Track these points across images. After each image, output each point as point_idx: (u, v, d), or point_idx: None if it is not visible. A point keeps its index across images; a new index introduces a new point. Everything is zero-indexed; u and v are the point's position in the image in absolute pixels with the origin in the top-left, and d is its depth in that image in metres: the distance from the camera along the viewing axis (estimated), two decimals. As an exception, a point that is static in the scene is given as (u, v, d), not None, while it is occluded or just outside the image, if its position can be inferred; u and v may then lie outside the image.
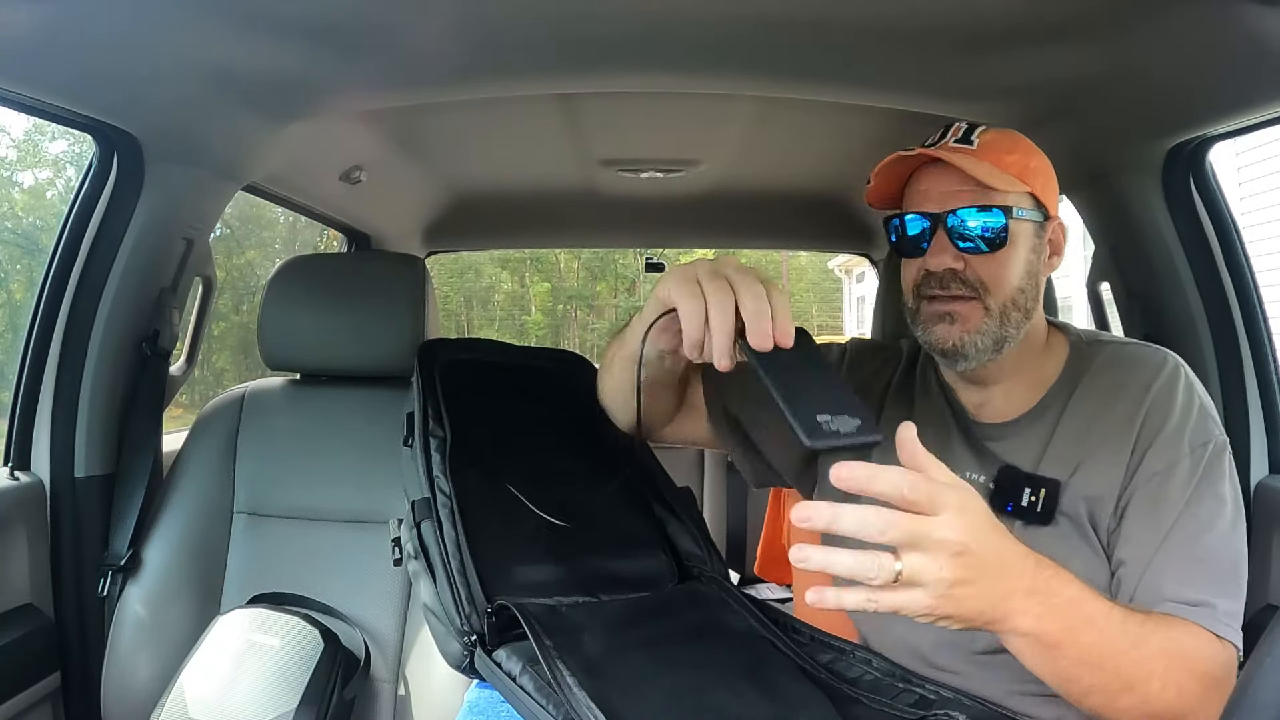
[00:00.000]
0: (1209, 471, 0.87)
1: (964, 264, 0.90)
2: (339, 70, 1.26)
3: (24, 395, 1.37)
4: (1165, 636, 0.78)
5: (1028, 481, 0.90)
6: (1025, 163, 0.91)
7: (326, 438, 1.42)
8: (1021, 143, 0.94)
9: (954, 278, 0.90)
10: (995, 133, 0.93)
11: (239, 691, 1.15)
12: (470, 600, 0.83)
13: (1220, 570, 0.85)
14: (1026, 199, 0.91)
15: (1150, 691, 0.75)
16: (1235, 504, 0.88)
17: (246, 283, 8.44)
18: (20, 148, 7.77)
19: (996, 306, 0.90)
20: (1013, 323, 0.91)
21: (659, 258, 3.69)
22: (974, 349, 0.91)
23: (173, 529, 1.38)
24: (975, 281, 0.90)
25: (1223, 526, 0.86)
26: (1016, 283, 0.91)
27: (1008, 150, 0.91)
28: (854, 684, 0.81)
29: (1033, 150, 0.94)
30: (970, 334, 0.90)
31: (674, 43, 1.20)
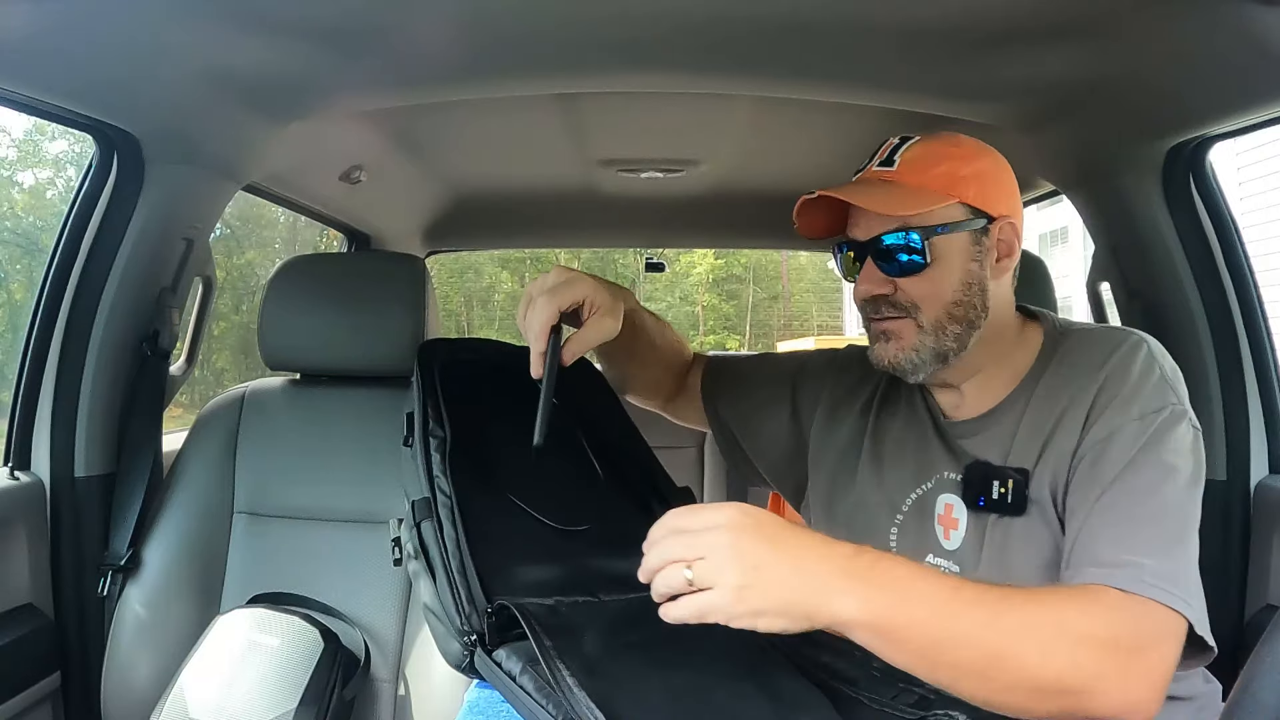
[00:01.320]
0: (1157, 437, 0.84)
1: (893, 287, 0.92)
2: (339, 70, 1.26)
3: (24, 395, 1.37)
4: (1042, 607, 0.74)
5: (996, 474, 0.91)
6: (955, 172, 0.91)
7: (326, 438, 1.42)
8: (955, 150, 0.93)
9: (885, 301, 0.93)
10: (926, 144, 0.93)
11: (239, 691, 1.15)
12: (470, 600, 0.83)
13: (1156, 532, 0.79)
14: (956, 210, 0.91)
15: (1028, 665, 0.71)
16: (1190, 476, 0.83)
17: (246, 283, 8.45)
18: (20, 148, 7.77)
19: (929, 323, 0.92)
20: (950, 335, 0.92)
21: (659, 258, 3.69)
22: (911, 365, 0.93)
23: (173, 529, 1.38)
24: (906, 303, 0.92)
25: (1169, 494, 0.82)
26: (950, 297, 0.91)
27: (933, 163, 0.91)
28: (853, 684, 0.81)
29: (970, 155, 0.93)
30: (906, 351, 0.93)
31: (674, 43, 1.20)
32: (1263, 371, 1.36)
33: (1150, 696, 0.73)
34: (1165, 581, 0.76)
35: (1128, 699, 0.72)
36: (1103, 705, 0.72)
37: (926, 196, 0.90)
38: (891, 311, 0.93)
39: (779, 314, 20.98)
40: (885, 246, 0.91)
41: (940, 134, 0.95)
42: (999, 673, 0.71)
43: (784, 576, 0.69)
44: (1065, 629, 0.73)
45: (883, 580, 0.70)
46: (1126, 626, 0.75)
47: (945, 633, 0.70)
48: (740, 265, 20.01)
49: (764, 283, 20.83)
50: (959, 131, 0.98)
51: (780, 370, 1.17)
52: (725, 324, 20.17)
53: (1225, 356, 1.36)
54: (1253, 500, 1.35)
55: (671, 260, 17.82)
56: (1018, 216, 0.95)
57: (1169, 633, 0.76)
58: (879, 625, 0.70)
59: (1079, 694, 0.72)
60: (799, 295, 21.10)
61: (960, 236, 0.91)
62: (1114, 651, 0.73)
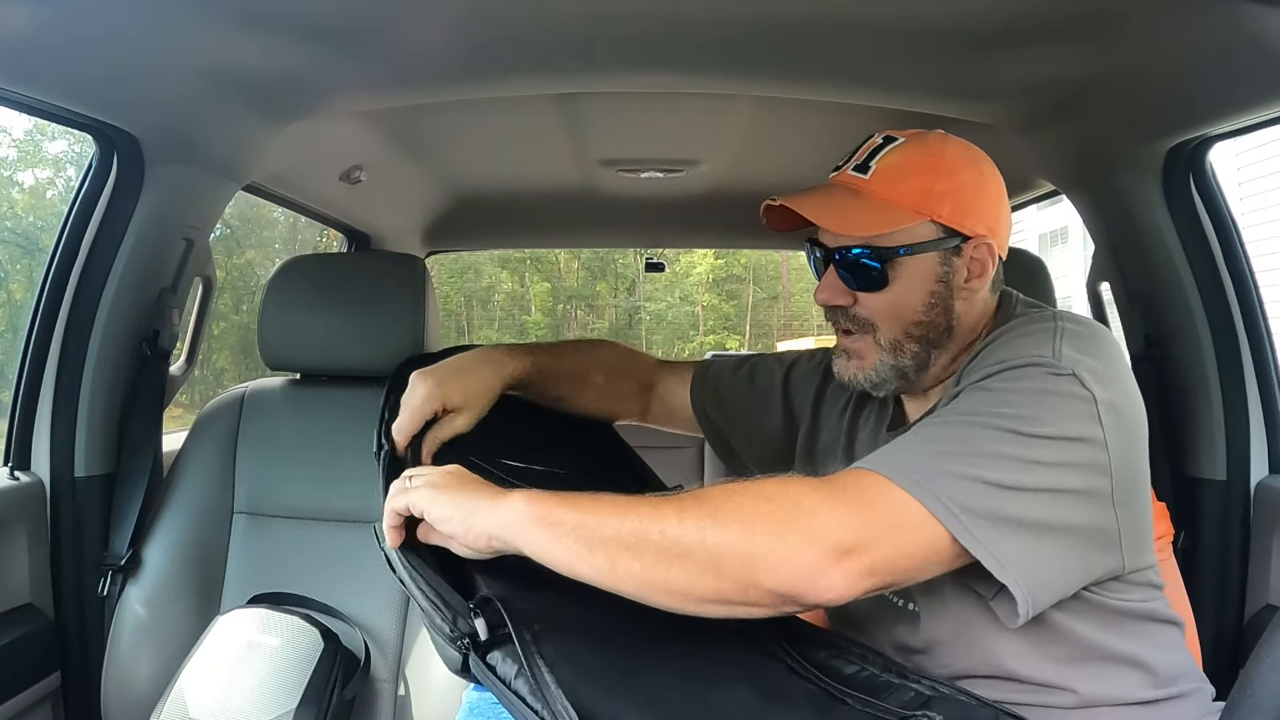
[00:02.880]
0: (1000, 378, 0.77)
1: (853, 299, 0.90)
2: (339, 70, 1.26)
3: (24, 395, 1.37)
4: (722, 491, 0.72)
5: None
6: (930, 187, 0.87)
7: (326, 438, 1.42)
8: (935, 162, 0.88)
9: (843, 314, 0.91)
10: (906, 151, 0.89)
11: (239, 691, 1.15)
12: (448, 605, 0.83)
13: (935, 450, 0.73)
14: (926, 229, 0.87)
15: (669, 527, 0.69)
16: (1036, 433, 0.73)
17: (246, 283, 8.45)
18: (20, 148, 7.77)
19: (887, 341, 0.90)
20: (908, 354, 0.90)
21: (659, 258, 3.70)
22: (871, 383, 0.92)
23: (173, 529, 1.38)
24: (865, 318, 0.90)
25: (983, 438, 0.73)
26: (910, 317, 0.89)
27: (908, 175, 0.87)
28: (848, 682, 0.81)
29: (951, 168, 0.88)
30: (866, 370, 0.91)
31: (674, 43, 1.20)
32: (1263, 371, 1.36)
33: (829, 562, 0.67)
34: (907, 472, 0.70)
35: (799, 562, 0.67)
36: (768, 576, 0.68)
37: (894, 213, 0.86)
38: (851, 325, 0.91)
39: (779, 314, 20.98)
40: (848, 260, 0.89)
41: (927, 137, 0.91)
42: (647, 548, 0.70)
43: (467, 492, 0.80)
44: (718, 501, 0.71)
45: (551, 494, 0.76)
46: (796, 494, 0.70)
47: (595, 515, 0.73)
48: (740, 265, 20.01)
49: (764, 283, 20.83)
50: (960, 131, 0.97)
51: (770, 372, 1.17)
52: (725, 324, 20.16)
53: (1225, 356, 1.36)
54: (1253, 500, 1.35)
55: (671, 260, 17.82)
56: (998, 233, 0.90)
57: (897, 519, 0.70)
58: (538, 515, 0.74)
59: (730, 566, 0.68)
60: (799, 295, 21.09)
61: (926, 257, 0.88)
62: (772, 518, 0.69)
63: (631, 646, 0.81)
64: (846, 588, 0.69)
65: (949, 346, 0.91)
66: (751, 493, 0.71)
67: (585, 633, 0.81)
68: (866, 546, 0.69)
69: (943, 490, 0.71)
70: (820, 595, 0.69)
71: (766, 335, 19.79)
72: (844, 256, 0.89)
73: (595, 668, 0.76)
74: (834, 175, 0.93)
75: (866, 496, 0.71)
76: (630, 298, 20.37)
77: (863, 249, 0.88)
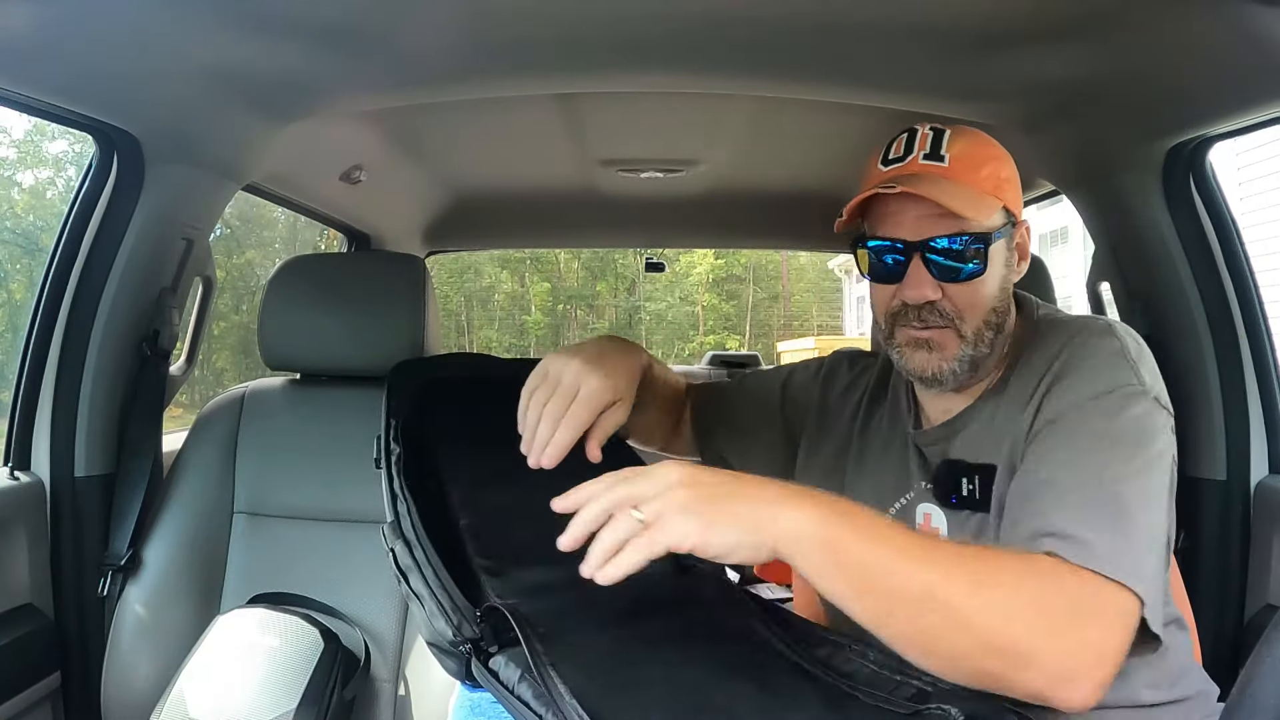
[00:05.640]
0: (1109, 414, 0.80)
1: (941, 293, 0.88)
2: (339, 70, 1.26)
3: (24, 395, 1.37)
4: (987, 557, 0.72)
5: (964, 471, 0.89)
6: (997, 175, 0.89)
7: (326, 438, 1.42)
8: (991, 150, 0.91)
9: (931, 309, 0.89)
10: (964, 141, 0.89)
11: (239, 691, 1.15)
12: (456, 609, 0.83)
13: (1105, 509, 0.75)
14: (1000, 215, 0.89)
15: (961, 607, 0.68)
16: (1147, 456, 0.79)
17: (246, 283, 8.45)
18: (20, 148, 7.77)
19: (971, 332, 0.89)
20: (985, 342, 0.90)
21: (659, 258, 3.70)
22: (951, 375, 0.90)
23: (173, 529, 1.38)
24: (951, 311, 0.88)
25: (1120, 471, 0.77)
26: (989, 304, 0.89)
27: (980, 164, 0.88)
28: (850, 678, 0.81)
29: (1002, 157, 0.91)
30: (948, 361, 0.90)
31: (674, 43, 1.20)
32: (1263, 371, 1.36)
33: (1088, 672, 0.69)
34: (1115, 558, 0.72)
35: (1063, 668, 0.68)
36: (1036, 674, 0.68)
37: (986, 200, 0.87)
38: (937, 320, 0.88)
39: (779, 314, 20.98)
40: (941, 250, 0.87)
41: (968, 129, 0.91)
42: (931, 612, 0.68)
43: (732, 496, 0.69)
44: (1006, 583, 0.70)
45: (835, 504, 0.70)
46: (1069, 597, 0.71)
47: (885, 559, 0.69)
48: (740, 265, 20.01)
49: (764, 283, 20.83)
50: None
51: (766, 389, 1.16)
52: (725, 324, 20.16)
53: (1225, 356, 1.36)
54: (1253, 500, 1.35)
55: (671, 260, 17.82)
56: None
57: (1117, 611, 0.72)
58: (828, 538, 0.68)
59: (1009, 655, 0.68)
60: (799, 295, 21.10)
61: (1003, 243, 0.89)
62: (1053, 617, 0.69)
63: (638, 650, 0.81)
64: (1093, 702, 0.70)
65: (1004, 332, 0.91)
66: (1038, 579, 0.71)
67: (591, 637, 0.81)
68: (1116, 662, 0.71)
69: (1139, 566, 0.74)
70: (1063, 705, 0.69)
71: (766, 335, 19.79)
72: (936, 248, 0.87)
73: (602, 672, 0.76)
74: (896, 168, 0.90)
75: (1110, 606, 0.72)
76: (630, 298, 20.37)
77: (959, 236, 0.86)
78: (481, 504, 1.00)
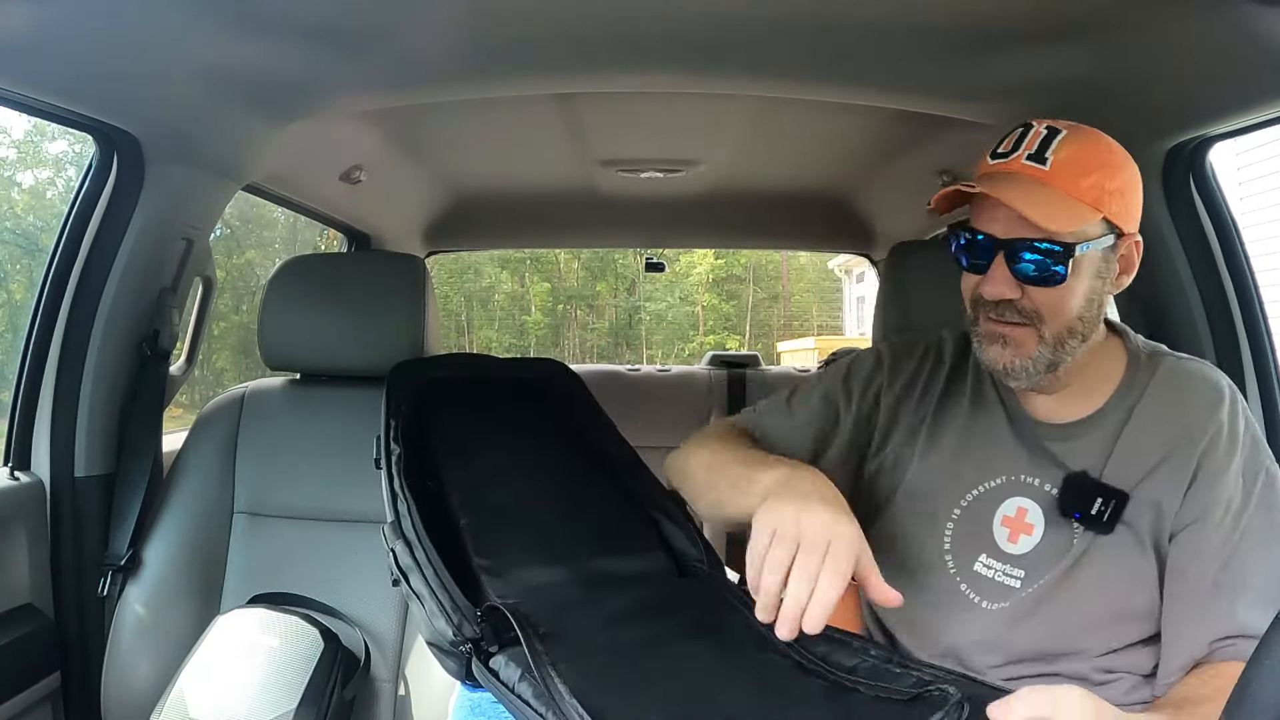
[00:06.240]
0: (1263, 500, 0.87)
1: (1021, 293, 0.89)
2: (339, 70, 1.26)
3: (24, 395, 1.37)
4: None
5: (1099, 491, 0.90)
6: (1103, 184, 0.87)
7: (326, 438, 1.42)
8: (1106, 158, 0.89)
9: (1010, 306, 0.90)
10: (1078, 144, 0.88)
11: (239, 691, 1.15)
12: (457, 609, 0.83)
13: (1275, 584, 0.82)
14: (1099, 226, 0.88)
15: None
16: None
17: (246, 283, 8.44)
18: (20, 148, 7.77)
19: (1051, 335, 0.90)
20: (1067, 349, 0.91)
21: (659, 258, 3.70)
22: (1025, 373, 0.91)
23: (173, 529, 1.38)
24: (1031, 311, 0.89)
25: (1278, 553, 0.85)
26: (1075, 313, 0.90)
27: (1086, 172, 0.87)
28: (851, 672, 0.81)
29: (1118, 166, 0.90)
30: (1023, 359, 0.91)
31: (674, 43, 1.20)
32: (1263, 371, 1.36)
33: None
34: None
35: None
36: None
37: (1078, 209, 0.86)
38: (1015, 317, 0.90)
39: (779, 314, 20.97)
40: (1025, 253, 0.88)
41: (1087, 131, 0.91)
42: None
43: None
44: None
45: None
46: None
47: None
48: (740, 265, 19.99)
49: (764, 283, 20.81)
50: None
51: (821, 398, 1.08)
52: (725, 324, 20.14)
53: (1225, 356, 1.36)
54: (1253, 500, 1.35)
55: (671, 260, 17.81)
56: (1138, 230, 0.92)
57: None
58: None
59: None
60: (799, 295, 21.08)
61: (1095, 254, 0.89)
62: None
63: (638, 649, 0.81)
64: None
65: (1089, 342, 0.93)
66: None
67: (591, 636, 0.81)
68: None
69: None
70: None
71: (766, 335, 19.78)
72: (1021, 250, 0.88)
73: (602, 671, 0.76)
74: (999, 164, 0.90)
75: None
76: (630, 298, 20.36)
77: (1046, 243, 0.86)
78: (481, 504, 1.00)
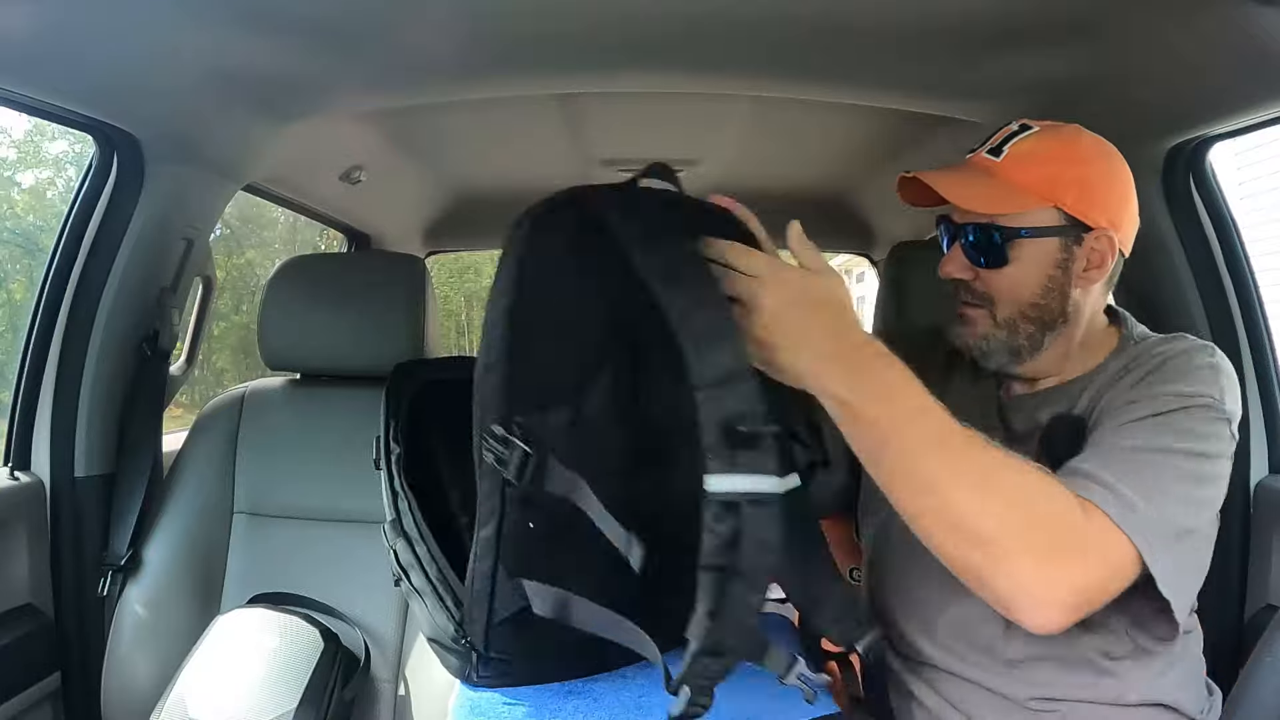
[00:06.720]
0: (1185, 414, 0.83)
1: (975, 274, 0.94)
2: (339, 70, 1.26)
3: (24, 395, 1.37)
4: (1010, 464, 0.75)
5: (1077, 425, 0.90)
6: (1059, 175, 0.90)
7: (326, 438, 1.42)
8: (1067, 151, 0.92)
9: (966, 288, 0.95)
10: (1044, 139, 0.92)
11: (239, 691, 1.15)
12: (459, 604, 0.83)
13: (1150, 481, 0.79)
14: (1050, 214, 0.90)
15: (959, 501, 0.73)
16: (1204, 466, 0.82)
17: (246, 283, 8.42)
18: (20, 148, 7.75)
19: (1003, 318, 0.93)
20: (1022, 334, 0.93)
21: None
22: (981, 352, 0.95)
23: (173, 529, 1.38)
24: (983, 293, 0.94)
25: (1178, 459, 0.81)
26: (1027, 298, 0.92)
27: (1041, 163, 0.90)
28: None
29: (1082, 159, 0.92)
30: (977, 339, 0.95)
31: (674, 43, 1.20)
32: (1263, 371, 1.36)
33: (1053, 600, 0.73)
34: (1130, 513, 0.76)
35: (1031, 590, 0.73)
36: (1005, 582, 0.73)
37: (1019, 196, 0.90)
38: (970, 298, 0.95)
39: (779, 314, 20.97)
40: (971, 235, 0.92)
41: (1063, 128, 0.94)
42: (931, 494, 0.74)
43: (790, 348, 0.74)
44: (1014, 489, 0.74)
45: (870, 374, 0.74)
46: (1074, 531, 0.74)
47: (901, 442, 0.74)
48: (740, 265, 19.98)
49: (764, 283, 20.81)
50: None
51: None
52: (725, 324, 20.14)
53: (1225, 356, 1.36)
54: (1253, 500, 1.35)
55: (671, 260, 17.72)
56: (1121, 227, 0.93)
57: (1111, 557, 0.76)
58: (852, 411, 0.73)
59: (989, 549, 0.72)
60: (799, 295, 21.08)
61: (1047, 241, 0.91)
62: (1045, 538, 0.73)
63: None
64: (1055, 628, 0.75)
65: (1064, 333, 0.94)
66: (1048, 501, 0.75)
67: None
68: (1091, 600, 0.75)
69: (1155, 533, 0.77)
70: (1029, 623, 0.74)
71: (766, 335, 19.74)
72: (968, 232, 0.93)
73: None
74: (969, 156, 0.96)
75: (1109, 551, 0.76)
76: (630, 298, 20.33)
77: (987, 226, 0.91)
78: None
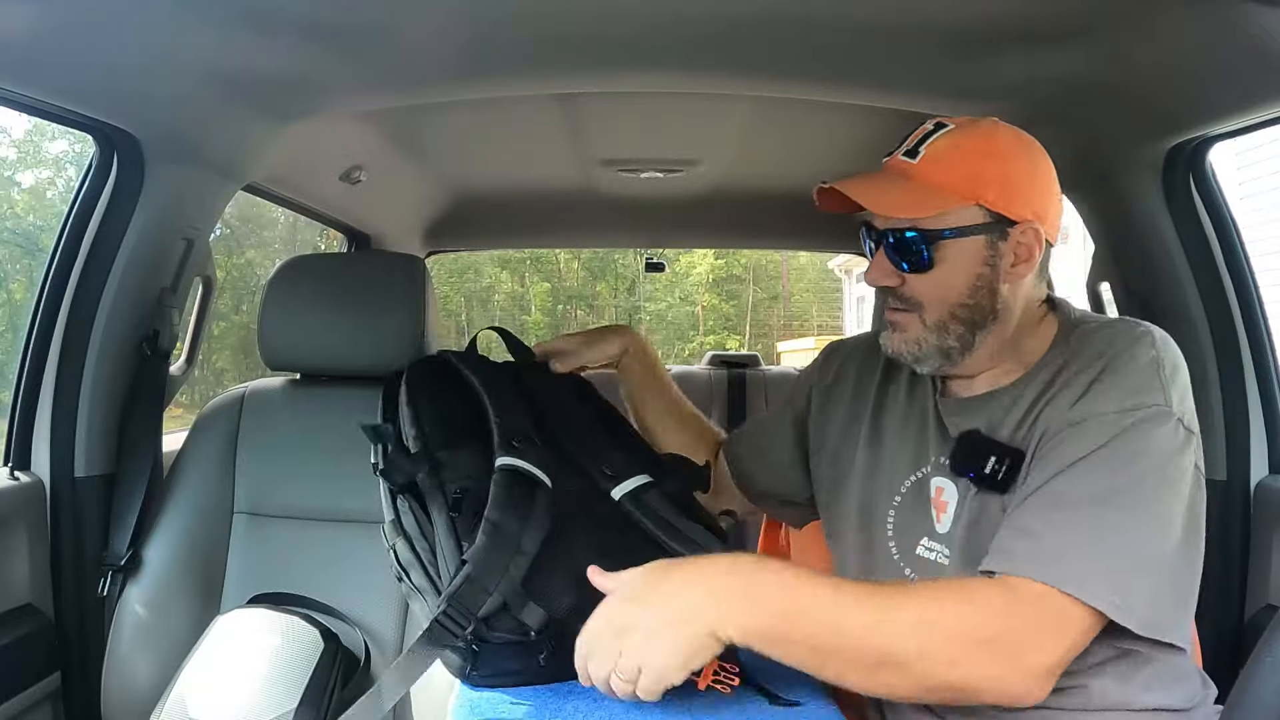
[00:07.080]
0: (1131, 433, 0.81)
1: (901, 280, 0.92)
2: (339, 70, 1.26)
3: (24, 395, 1.37)
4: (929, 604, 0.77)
5: (994, 449, 0.89)
6: (979, 173, 0.88)
7: (326, 438, 1.42)
8: (985, 146, 0.90)
9: (892, 293, 0.94)
10: (958, 136, 0.90)
11: (239, 691, 1.15)
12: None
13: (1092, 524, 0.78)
14: (973, 212, 0.89)
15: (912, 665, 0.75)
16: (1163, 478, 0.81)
17: (246, 283, 8.44)
18: (20, 148, 7.77)
19: (932, 321, 0.92)
20: (952, 335, 0.91)
21: (659, 258, 3.70)
22: (913, 356, 0.94)
23: (173, 529, 1.38)
24: (910, 298, 0.92)
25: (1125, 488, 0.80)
26: (955, 298, 0.90)
27: (958, 161, 0.89)
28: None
29: (1002, 153, 0.90)
30: (908, 343, 0.93)
31: (674, 43, 1.20)
32: (1263, 371, 1.36)
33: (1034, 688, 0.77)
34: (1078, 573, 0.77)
35: (1012, 693, 0.77)
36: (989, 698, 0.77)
37: (939, 197, 0.88)
38: (898, 304, 0.93)
39: (779, 314, 20.96)
40: (894, 241, 0.91)
41: (978, 124, 0.92)
42: (884, 671, 0.76)
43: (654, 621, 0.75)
44: (950, 629, 0.76)
45: (758, 596, 0.76)
46: (1015, 621, 0.77)
47: (830, 637, 0.75)
48: (740, 265, 19.98)
49: (764, 283, 20.80)
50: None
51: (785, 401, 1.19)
52: (725, 324, 20.13)
53: (1225, 356, 1.36)
54: (1253, 500, 1.35)
55: (671, 260, 17.79)
56: (1047, 219, 0.91)
57: (1065, 623, 0.77)
58: (764, 638, 0.75)
59: (962, 689, 0.77)
60: (799, 295, 21.07)
61: (972, 240, 0.89)
62: (997, 649, 0.76)
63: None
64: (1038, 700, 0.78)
65: (995, 330, 0.92)
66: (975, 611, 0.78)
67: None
68: (1060, 662, 0.78)
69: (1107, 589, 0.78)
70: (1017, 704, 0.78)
71: (766, 335, 19.77)
72: (891, 238, 0.91)
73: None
74: (886, 160, 0.94)
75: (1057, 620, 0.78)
76: (630, 298, 20.35)
77: (909, 231, 0.90)
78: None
